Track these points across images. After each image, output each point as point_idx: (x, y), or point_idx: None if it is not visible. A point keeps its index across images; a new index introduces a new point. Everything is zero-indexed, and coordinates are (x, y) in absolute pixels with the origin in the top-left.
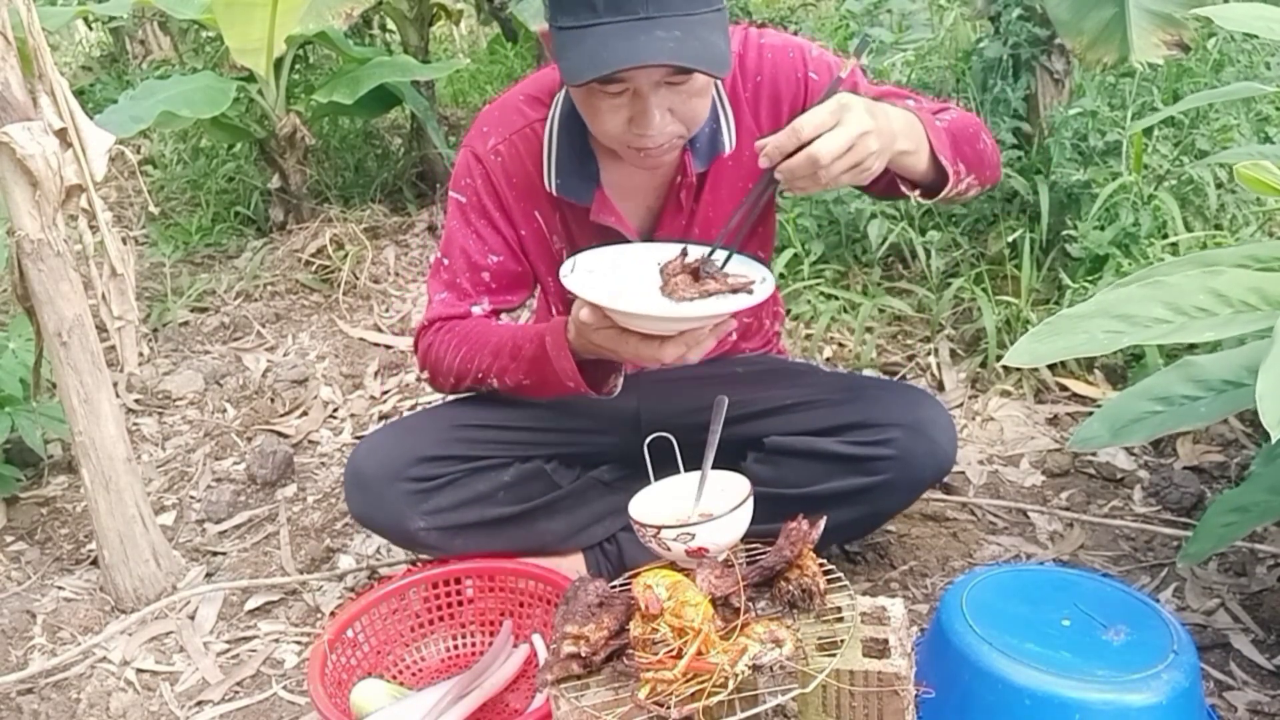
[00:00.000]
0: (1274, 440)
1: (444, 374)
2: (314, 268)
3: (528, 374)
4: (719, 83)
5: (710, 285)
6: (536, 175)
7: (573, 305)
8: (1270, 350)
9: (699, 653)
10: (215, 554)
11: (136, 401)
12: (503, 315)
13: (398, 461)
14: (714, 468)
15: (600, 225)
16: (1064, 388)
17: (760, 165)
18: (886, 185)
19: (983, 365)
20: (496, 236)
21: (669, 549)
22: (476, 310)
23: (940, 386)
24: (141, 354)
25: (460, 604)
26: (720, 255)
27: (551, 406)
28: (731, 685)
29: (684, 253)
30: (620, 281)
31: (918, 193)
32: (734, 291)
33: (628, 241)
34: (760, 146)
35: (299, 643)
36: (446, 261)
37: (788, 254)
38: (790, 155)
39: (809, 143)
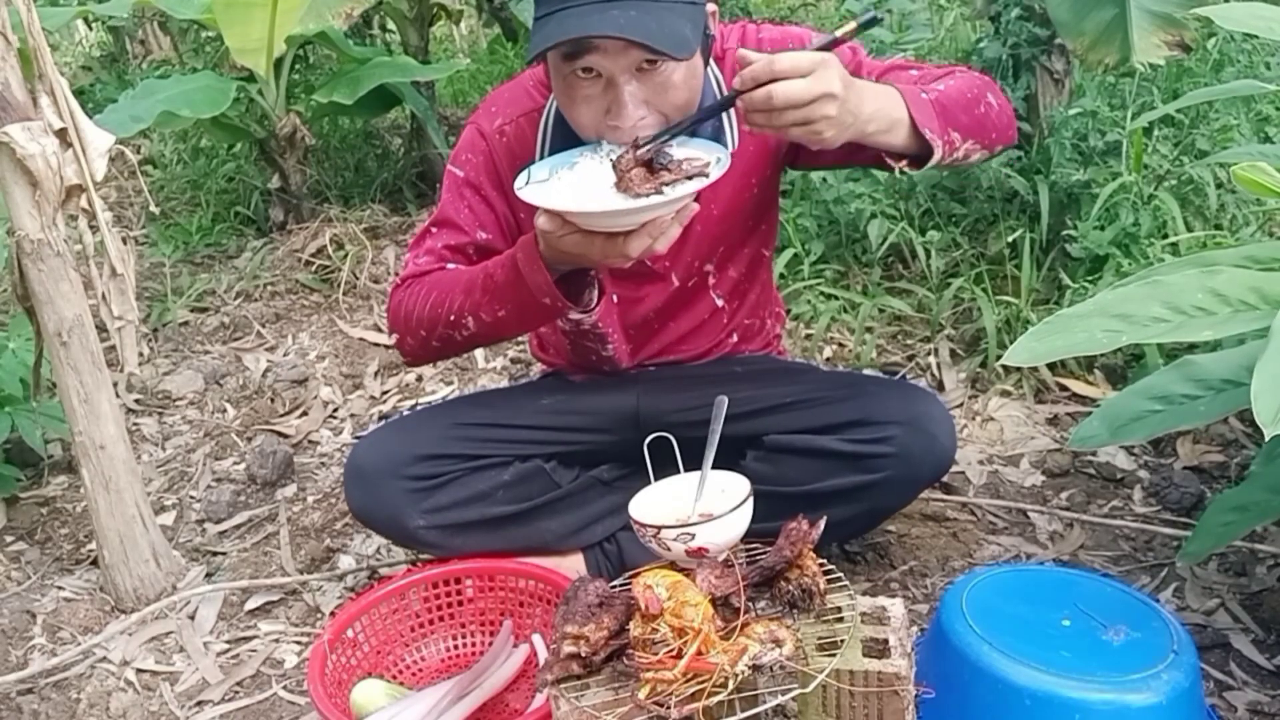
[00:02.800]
0: (1269, 438)
1: (414, 327)
2: (314, 268)
3: (504, 302)
4: (719, 79)
5: (664, 175)
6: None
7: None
8: (1266, 348)
9: (699, 653)
10: (215, 554)
11: (136, 401)
12: None
13: (397, 459)
14: (714, 467)
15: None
16: (1064, 388)
17: (734, 84)
18: (872, 158)
19: (983, 365)
20: (489, 213)
21: (669, 549)
22: (451, 268)
23: (940, 386)
24: (141, 354)
25: (460, 604)
26: (674, 142)
27: (551, 405)
28: (731, 685)
29: (635, 144)
30: (575, 184)
31: (904, 163)
32: (690, 177)
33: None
34: (742, 59)
35: (299, 643)
36: (434, 230)
37: (788, 254)
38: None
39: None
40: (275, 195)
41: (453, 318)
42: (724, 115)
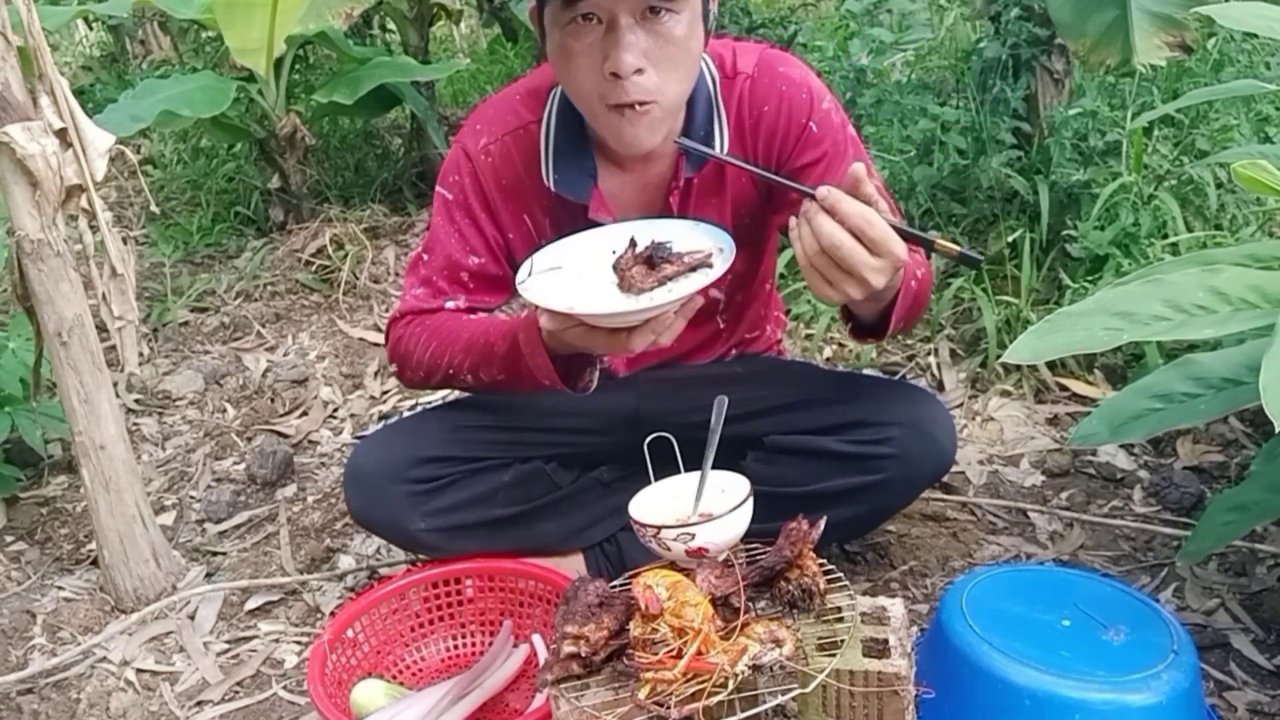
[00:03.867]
0: (1279, 431)
1: (413, 368)
2: (314, 268)
3: (501, 370)
4: (717, 89)
5: (667, 270)
6: (529, 176)
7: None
8: (1273, 342)
9: (699, 653)
10: (215, 554)
11: (136, 401)
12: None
13: (397, 462)
14: (714, 467)
15: (597, 225)
16: (1064, 388)
17: (820, 195)
18: None
19: (983, 365)
20: (479, 237)
21: (669, 549)
22: (450, 306)
23: (940, 386)
24: (141, 354)
25: (460, 604)
26: (673, 236)
27: (551, 408)
28: (731, 685)
29: (632, 242)
30: (576, 277)
31: (849, 327)
32: (693, 270)
33: None
34: (826, 196)
35: (299, 643)
36: (426, 257)
37: (788, 254)
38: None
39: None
40: (275, 195)
41: (451, 371)
42: (715, 124)
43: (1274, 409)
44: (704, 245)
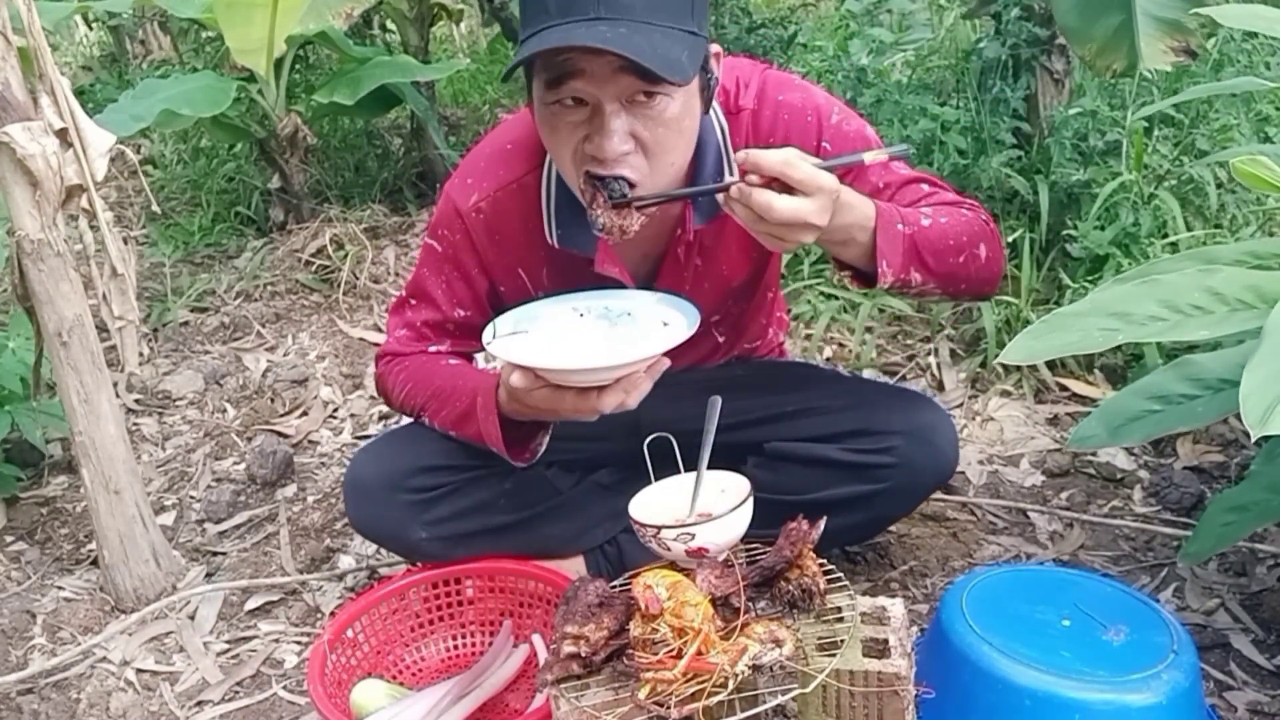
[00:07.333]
0: (1254, 439)
1: (393, 405)
2: (314, 268)
3: (459, 427)
4: (727, 137)
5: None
6: (526, 231)
7: (501, 371)
8: (1256, 350)
9: (699, 653)
10: (215, 554)
11: (136, 401)
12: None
13: (398, 472)
14: (714, 469)
15: (603, 277)
16: (1064, 388)
17: (738, 159)
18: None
19: (983, 365)
20: (468, 292)
21: (669, 549)
22: (432, 350)
23: (940, 386)
24: (141, 354)
25: (460, 604)
26: (635, 308)
27: None
28: (731, 685)
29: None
30: (547, 337)
31: (847, 275)
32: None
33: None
34: (744, 159)
35: (299, 643)
36: (413, 303)
37: (787, 254)
38: (758, 179)
39: (778, 188)
40: (275, 195)
41: (421, 416)
42: (726, 175)
43: (1252, 418)
44: (669, 317)
